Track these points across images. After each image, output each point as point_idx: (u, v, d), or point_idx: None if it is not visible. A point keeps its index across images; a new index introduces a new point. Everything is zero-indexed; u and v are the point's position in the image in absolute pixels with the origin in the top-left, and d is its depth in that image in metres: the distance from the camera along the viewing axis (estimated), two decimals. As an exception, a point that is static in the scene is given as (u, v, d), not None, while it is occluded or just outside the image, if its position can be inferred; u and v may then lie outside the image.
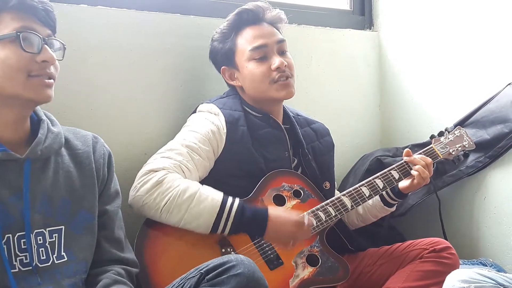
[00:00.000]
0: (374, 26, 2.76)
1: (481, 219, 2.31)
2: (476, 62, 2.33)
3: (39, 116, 1.41)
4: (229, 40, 1.88)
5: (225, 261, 1.26)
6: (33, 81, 1.29)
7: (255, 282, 1.23)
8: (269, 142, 1.87)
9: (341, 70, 2.58)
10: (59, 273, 1.33)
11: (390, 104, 2.70)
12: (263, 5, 1.90)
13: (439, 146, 2.02)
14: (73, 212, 1.38)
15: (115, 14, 1.91)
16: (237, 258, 1.26)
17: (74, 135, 1.48)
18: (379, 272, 1.90)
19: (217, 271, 1.24)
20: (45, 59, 1.30)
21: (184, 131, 1.82)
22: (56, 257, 1.34)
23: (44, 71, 1.31)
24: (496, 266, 2.17)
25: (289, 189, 1.83)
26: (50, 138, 1.37)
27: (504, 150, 2.19)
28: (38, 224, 1.32)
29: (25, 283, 1.27)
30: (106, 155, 1.51)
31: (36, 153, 1.33)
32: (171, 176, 1.63)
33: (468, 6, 2.36)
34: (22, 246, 1.29)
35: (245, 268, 1.23)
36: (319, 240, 1.81)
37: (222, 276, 1.22)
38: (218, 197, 1.63)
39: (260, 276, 1.25)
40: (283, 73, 1.84)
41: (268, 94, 1.86)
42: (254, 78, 1.85)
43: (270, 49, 1.86)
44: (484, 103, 2.27)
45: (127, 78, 1.94)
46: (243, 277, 1.21)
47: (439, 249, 1.82)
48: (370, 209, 2.01)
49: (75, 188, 1.40)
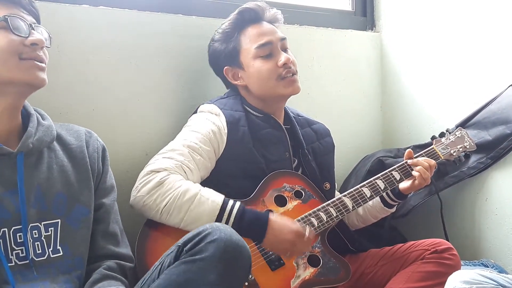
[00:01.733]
0: (376, 27, 2.76)
1: (483, 220, 2.31)
2: (478, 63, 2.33)
3: (28, 111, 1.42)
4: (232, 40, 1.89)
5: (200, 230, 1.26)
6: (25, 63, 1.32)
7: (233, 245, 1.23)
8: (270, 143, 1.87)
9: (343, 71, 2.58)
10: (54, 268, 1.34)
11: (392, 105, 2.70)
12: (262, 4, 1.92)
13: (440, 147, 2.02)
14: (69, 206, 1.40)
15: (117, 15, 1.91)
16: (212, 226, 1.27)
17: (67, 130, 1.50)
18: (380, 273, 1.90)
19: (194, 241, 1.24)
20: (34, 41, 1.33)
21: (185, 131, 1.82)
22: (52, 251, 1.35)
23: (35, 54, 1.33)
24: (497, 267, 2.17)
25: (290, 189, 1.83)
26: (40, 131, 1.39)
27: (506, 151, 2.18)
28: (33, 218, 1.33)
29: (21, 276, 1.28)
30: (100, 149, 1.52)
31: (28, 146, 1.34)
32: (173, 177, 1.63)
33: (469, 7, 2.36)
34: (18, 240, 1.30)
35: (221, 233, 1.23)
36: (321, 240, 1.80)
37: (199, 245, 1.22)
38: (218, 200, 1.62)
39: (238, 239, 1.25)
40: (290, 69, 1.86)
41: (276, 90, 1.86)
42: (261, 75, 1.85)
43: (275, 46, 1.87)
44: (486, 104, 2.27)
45: (129, 78, 1.94)
46: (220, 241, 1.21)
47: (440, 250, 1.81)
48: (370, 210, 2.01)
49: (70, 182, 1.42)
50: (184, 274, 1.20)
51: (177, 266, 1.22)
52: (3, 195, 1.30)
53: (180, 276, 1.20)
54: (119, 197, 1.63)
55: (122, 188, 1.71)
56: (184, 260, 1.22)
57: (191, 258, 1.21)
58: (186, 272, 1.20)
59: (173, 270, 1.22)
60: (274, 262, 1.71)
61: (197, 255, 1.21)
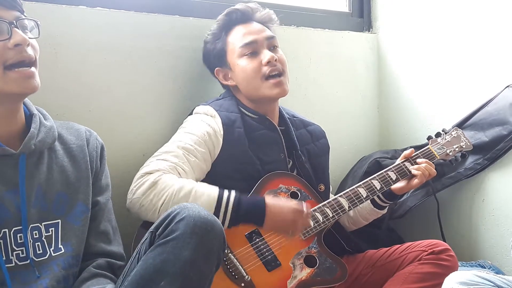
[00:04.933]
0: (373, 28, 2.76)
1: (480, 221, 2.31)
2: (475, 64, 2.34)
3: (31, 111, 1.41)
4: (219, 40, 1.90)
5: (169, 212, 1.27)
6: (10, 74, 1.26)
7: (202, 219, 1.24)
8: (265, 144, 1.87)
9: (340, 72, 2.58)
10: (55, 264, 1.34)
11: (389, 106, 2.71)
12: (252, 6, 1.92)
13: (436, 147, 2.02)
14: (70, 205, 1.40)
15: (114, 15, 1.91)
16: (179, 206, 1.28)
17: (67, 129, 1.50)
18: (377, 274, 1.90)
19: (164, 224, 1.25)
20: (17, 42, 1.25)
21: (180, 133, 1.81)
22: (53, 250, 1.35)
23: (21, 55, 1.27)
24: (494, 268, 2.17)
25: (286, 190, 1.83)
26: (43, 132, 1.38)
27: (502, 152, 2.19)
28: (34, 219, 1.33)
29: (21, 277, 1.29)
30: (99, 148, 1.53)
31: (30, 148, 1.33)
32: (166, 176, 1.63)
33: (466, 8, 2.37)
34: (19, 240, 1.30)
35: (189, 211, 1.25)
36: (317, 241, 1.80)
37: (170, 226, 1.24)
38: (214, 192, 1.62)
39: (207, 213, 1.26)
40: (274, 67, 1.84)
41: (261, 91, 1.85)
42: (246, 74, 1.85)
43: (260, 45, 1.86)
44: (483, 105, 2.27)
45: (126, 79, 1.94)
46: (189, 218, 1.23)
47: (437, 251, 1.82)
48: (360, 211, 2.00)
49: (71, 181, 1.42)
50: (160, 256, 1.21)
51: (152, 250, 1.23)
52: (4, 195, 1.29)
53: (156, 259, 1.21)
54: (116, 199, 1.63)
55: (119, 190, 1.71)
56: (158, 243, 1.23)
57: (164, 240, 1.22)
58: (161, 253, 1.21)
59: (149, 254, 1.23)
60: (271, 263, 1.70)
61: (170, 235, 1.22)
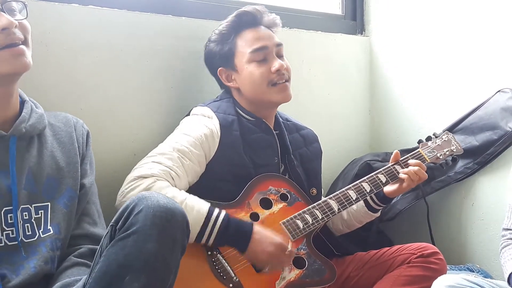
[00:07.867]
0: (366, 31, 2.77)
1: (469, 225, 2.32)
2: (466, 68, 2.35)
3: (23, 98, 1.43)
4: (228, 42, 1.88)
5: (127, 204, 1.24)
6: (2, 54, 1.27)
7: (162, 209, 1.20)
8: (259, 147, 1.87)
9: (332, 75, 2.59)
10: (44, 245, 1.35)
11: (380, 109, 2.71)
12: (261, 9, 1.92)
13: (426, 150, 2.02)
14: (60, 190, 1.41)
15: (106, 14, 1.90)
16: (137, 197, 1.24)
17: (55, 117, 1.52)
18: (366, 276, 1.90)
19: (123, 217, 1.23)
20: (4, 26, 1.25)
21: (177, 134, 1.81)
22: (42, 231, 1.36)
23: (10, 38, 1.27)
24: (483, 272, 2.18)
25: (276, 192, 1.83)
26: (34, 118, 1.40)
27: (492, 157, 2.20)
28: (24, 200, 1.34)
29: (9, 257, 1.29)
30: (84, 134, 1.55)
31: (21, 131, 1.36)
32: (159, 184, 1.62)
33: (459, 13, 2.38)
34: (9, 220, 1.31)
35: (147, 201, 1.21)
36: (306, 242, 1.80)
37: (129, 219, 1.21)
38: (203, 209, 1.62)
39: (166, 201, 1.23)
40: (283, 76, 1.86)
41: (266, 96, 1.86)
42: (253, 79, 1.85)
43: (270, 52, 1.86)
44: (474, 109, 2.28)
45: (118, 78, 1.93)
46: (148, 209, 1.19)
47: (427, 254, 1.82)
48: (354, 214, 2.00)
49: (60, 167, 1.43)
50: (122, 250, 1.18)
51: (113, 245, 1.21)
52: None
53: (119, 254, 1.19)
54: (106, 198, 1.63)
55: (109, 189, 1.71)
56: (119, 237, 1.20)
57: (125, 234, 1.20)
58: (123, 248, 1.18)
59: (111, 250, 1.20)
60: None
61: (130, 229, 1.19)
